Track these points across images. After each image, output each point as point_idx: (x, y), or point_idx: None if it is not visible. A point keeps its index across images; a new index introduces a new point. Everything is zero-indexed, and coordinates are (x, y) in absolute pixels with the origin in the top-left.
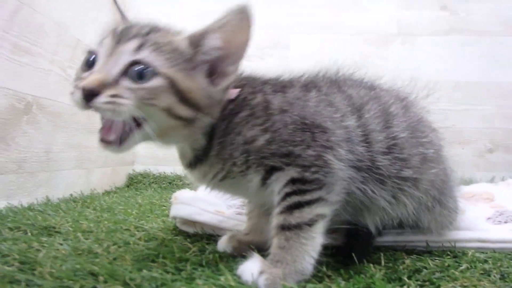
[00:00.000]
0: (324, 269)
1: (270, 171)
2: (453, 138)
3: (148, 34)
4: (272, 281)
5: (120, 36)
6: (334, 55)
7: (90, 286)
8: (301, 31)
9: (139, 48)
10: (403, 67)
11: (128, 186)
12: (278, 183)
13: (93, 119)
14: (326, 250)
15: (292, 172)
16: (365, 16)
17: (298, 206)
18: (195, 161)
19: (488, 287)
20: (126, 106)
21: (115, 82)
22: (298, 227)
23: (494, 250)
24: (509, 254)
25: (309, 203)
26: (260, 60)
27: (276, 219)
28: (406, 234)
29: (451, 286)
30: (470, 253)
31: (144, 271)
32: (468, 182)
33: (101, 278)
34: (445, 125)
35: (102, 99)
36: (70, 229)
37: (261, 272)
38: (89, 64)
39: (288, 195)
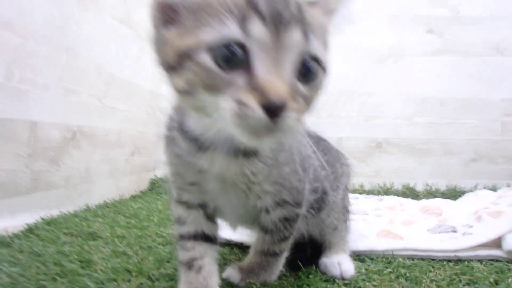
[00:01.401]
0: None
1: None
2: (441, 149)
3: (302, 13)
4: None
5: (274, 20)
6: (332, 73)
7: (126, 279)
8: None
9: (306, 37)
10: (395, 84)
11: (150, 190)
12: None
13: (121, 135)
14: None
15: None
16: (361, 39)
17: (284, 239)
18: (242, 151)
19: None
20: (301, 121)
21: (294, 90)
22: (279, 253)
23: (422, 258)
24: (433, 260)
25: (292, 234)
26: None
27: (262, 245)
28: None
29: (367, 284)
30: (398, 260)
31: (161, 269)
32: (455, 189)
33: (133, 274)
34: (435, 137)
35: (291, 114)
36: (108, 234)
37: (241, 280)
38: (233, 61)
39: (279, 229)
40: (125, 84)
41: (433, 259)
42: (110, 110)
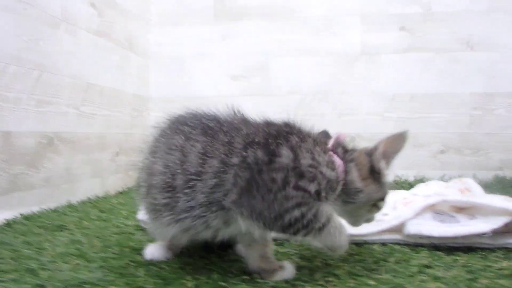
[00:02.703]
0: None
1: None
2: (410, 142)
3: None
4: None
5: None
6: (307, 74)
7: (66, 261)
8: (279, 55)
9: None
10: (367, 83)
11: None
12: None
13: (103, 140)
14: None
15: None
16: (334, 40)
17: None
18: None
19: None
20: None
21: None
22: None
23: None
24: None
25: None
26: (246, 79)
27: None
28: None
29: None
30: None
31: (102, 253)
32: (422, 179)
33: (74, 257)
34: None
35: None
36: (74, 226)
37: None
38: None
39: None
40: (106, 91)
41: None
42: (89, 116)
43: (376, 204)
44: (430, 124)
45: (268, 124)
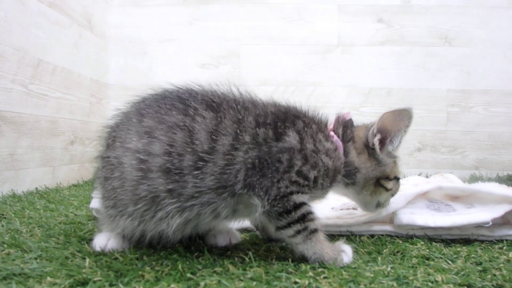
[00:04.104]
0: None
1: None
2: None
3: None
4: None
5: None
6: (280, 64)
7: (5, 252)
8: (250, 43)
9: None
10: (342, 75)
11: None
12: None
13: (56, 125)
14: None
15: None
16: (308, 29)
17: None
18: None
19: None
20: None
21: None
22: None
23: None
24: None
25: None
26: (215, 68)
27: None
28: None
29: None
30: None
31: (42, 243)
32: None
33: (5, 246)
34: None
35: None
36: (13, 215)
37: None
38: None
39: None
40: (58, 70)
41: (332, 235)
42: (39, 96)
43: (380, 183)
44: None
45: (276, 106)
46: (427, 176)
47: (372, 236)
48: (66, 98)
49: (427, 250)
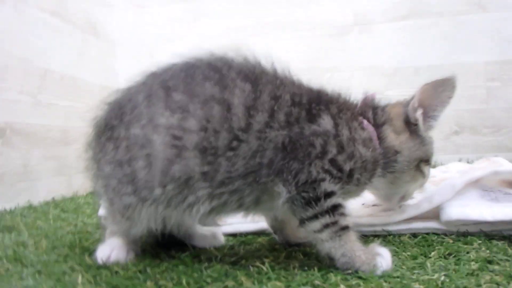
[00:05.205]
0: None
1: None
2: None
3: None
4: None
5: None
6: (293, 51)
7: (4, 268)
8: (259, 32)
9: None
10: (362, 57)
11: None
12: None
13: (67, 134)
14: None
15: None
16: (320, 11)
17: None
18: None
19: None
20: None
21: None
22: None
23: None
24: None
25: None
26: None
27: None
28: None
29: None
30: None
31: (44, 255)
32: (434, 165)
33: (5, 260)
34: None
35: None
36: (23, 228)
37: None
38: None
39: None
40: (66, 79)
41: (365, 235)
42: (49, 106)
43: (419, 168)
44: None
45: (311, 88)
46: (468, 162)
47: (415, 235)
48: (76, 106)
49: (488, 251)
